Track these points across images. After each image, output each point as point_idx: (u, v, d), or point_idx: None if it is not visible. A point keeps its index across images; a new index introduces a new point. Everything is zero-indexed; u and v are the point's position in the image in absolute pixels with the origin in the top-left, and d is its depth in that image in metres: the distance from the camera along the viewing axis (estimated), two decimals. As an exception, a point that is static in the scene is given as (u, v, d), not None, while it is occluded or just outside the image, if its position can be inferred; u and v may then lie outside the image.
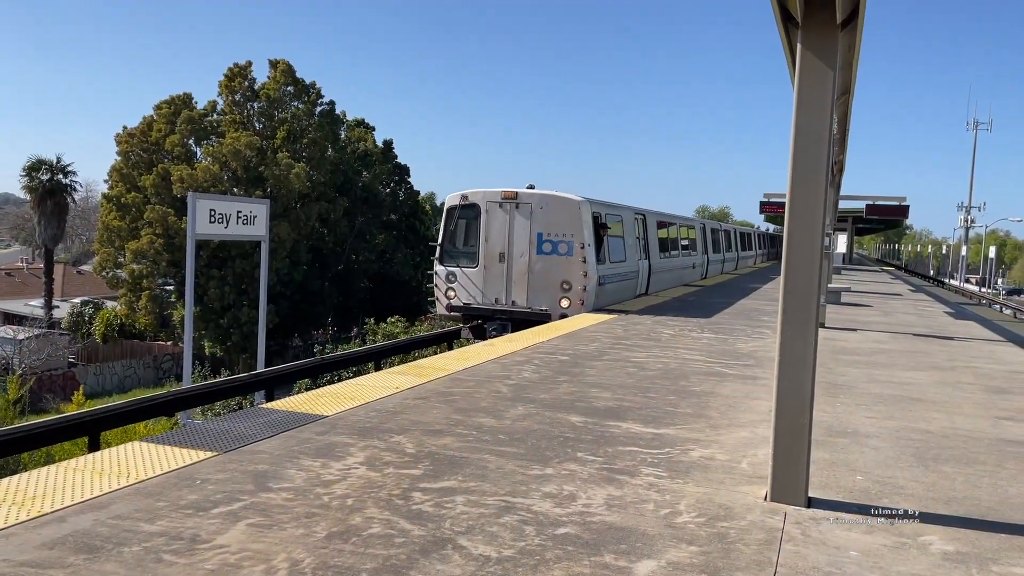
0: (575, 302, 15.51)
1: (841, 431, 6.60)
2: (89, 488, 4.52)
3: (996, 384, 9.24)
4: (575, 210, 15.65)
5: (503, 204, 16.04)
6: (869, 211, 43.54)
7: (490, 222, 16.14)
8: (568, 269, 15.56)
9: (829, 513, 4.61)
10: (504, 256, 15.97)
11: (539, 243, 15.74)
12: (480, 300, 16.26)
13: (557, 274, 15.60)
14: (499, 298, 16.05)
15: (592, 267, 15.60)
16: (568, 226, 15.56)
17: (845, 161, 20.49)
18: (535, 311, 15.65)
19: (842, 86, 10.44)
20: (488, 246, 16.16)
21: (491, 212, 16.15)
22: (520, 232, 15.83)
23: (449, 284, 16.55)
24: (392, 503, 4.47)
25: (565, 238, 15.55)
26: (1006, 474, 5.58)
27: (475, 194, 16.47)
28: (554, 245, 15.62)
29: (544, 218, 15.72)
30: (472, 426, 6.25)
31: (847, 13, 5.10)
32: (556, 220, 15.65)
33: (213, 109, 39.59)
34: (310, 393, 7.37)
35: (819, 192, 4.65)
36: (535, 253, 15.75)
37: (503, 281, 16.01)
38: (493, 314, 16.11)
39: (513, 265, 15.92)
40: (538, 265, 15.74)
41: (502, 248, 15.99)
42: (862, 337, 13.28)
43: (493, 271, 16.10)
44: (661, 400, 7.51)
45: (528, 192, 16.13)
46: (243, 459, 5.17)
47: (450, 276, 16.53)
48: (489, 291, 16.18)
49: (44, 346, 36.32)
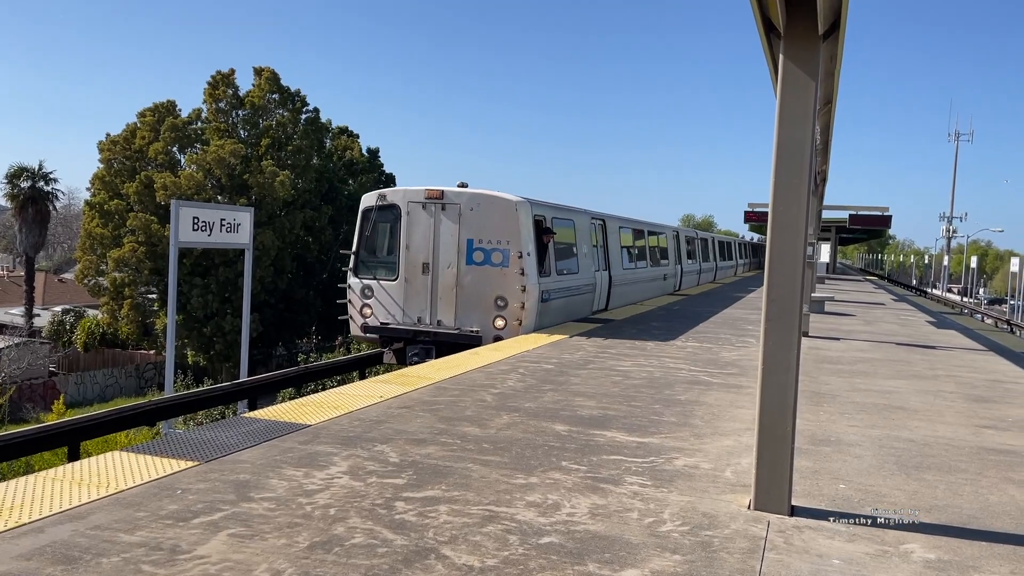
0: (511, 322, 13.28)
1: (824, 439, 6.62)
2: (68, 498, 4.46)
3: (977, 393, 9.31)
4: (511, 212, 13.37)
5: (427, 205, 13.73)
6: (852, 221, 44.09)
7: (412, 226, 13.87)
8: (503, 282, 13.30)
9: (812, 521, 4.62)
10: (428, 267, 13.71)
11: (469, 251, 13.49)
12: (400, 319, 13.98)
13: (490, 288, 13.36)
14: (422, 317, 13.78)
15: (532, 280, 13.36)
16: (504, 231, 13.29)
17: (828, 171, 20.66)
18: (464, 333, 13.42)
19: (824, 96, 10.53)
20: (410, 255, 13.88)
21: (413, 215, 13.86)
22: (447, 238, 13.59)
23: (364, 300, 14.27)
24: (375, 513, 4.44)
25: (500, 246, 13.30)
26: (987, 482, 5.62)
27: (394, 193, 14.38)
28: (487, 254, 13.38)
29: (476, 222, 13.47)
30: (456, 435, 6.23)
31: (829, 23, 5.15)
32: (490, 224, 13.38)
33: (197, 117, 39.44)
34: (293, 402, 7.32)
35: (802, 202, 4.67)
36: (464, 263, 13.48)
37: (427, 297, 13.77)
38: (415, 336, 13.78)
39: (439, 278, 13.67)
40: (468, 278, 13.50)
41: (426, 257, 13.74)
42: (845, 346, 13.36)
43: (415, 285, 13.85)
44: (646, 409, 7.51)
45: (456, 191, 13.77)
46: (225, 469, 5.13)
47: (366, 291, 14.27)
48: (411, 309, 13.91)
49: (24, 355, 35.94)
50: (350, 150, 44.56)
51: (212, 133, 38.27)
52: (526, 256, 13.24)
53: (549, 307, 13.99)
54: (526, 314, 13.25)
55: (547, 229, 14.18)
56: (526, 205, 13.57)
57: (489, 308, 13.36)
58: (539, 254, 13.72)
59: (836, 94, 10.93)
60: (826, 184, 22.58)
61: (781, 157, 4.68)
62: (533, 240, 13.51)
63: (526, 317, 13.26)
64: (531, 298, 13.27)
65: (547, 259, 14.11)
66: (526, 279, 13.20)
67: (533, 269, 13.40)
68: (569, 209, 16.18)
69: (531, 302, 13.28)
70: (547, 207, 14.72)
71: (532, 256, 13.43)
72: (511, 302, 13.24)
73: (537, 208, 14.06)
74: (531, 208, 13.67)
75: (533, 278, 13.36)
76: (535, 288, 13.40)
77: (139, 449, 5.51)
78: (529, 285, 13.25)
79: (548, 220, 14.44)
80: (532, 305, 13.31)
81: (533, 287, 13.35)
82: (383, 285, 14.07)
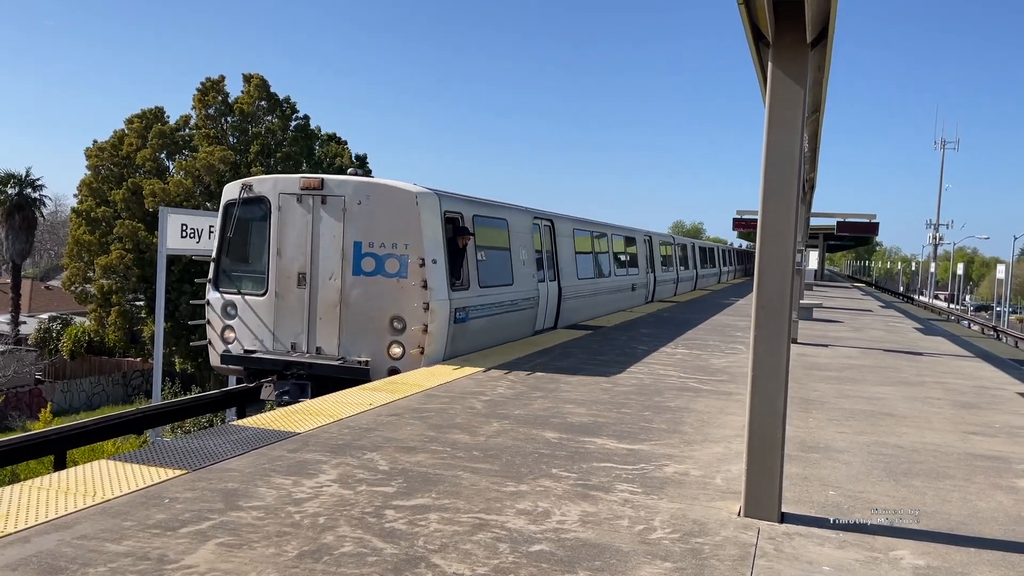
0: (410, 350, 10.31)
1: (813, 446, 6.64)
2: (54, 508, 4.42)
3: (965, 399, 9.36)
4: (410, 207, 10.42)
5: (303, 198, 10.82)
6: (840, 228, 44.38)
7: (284, 225, 10.93)
8: (401, 298, 10.37)
9: (802, 528, 4.63)
10: (305, 278, 10.77)
11: (357, 258, 10.57)
12: (270, 346, 10.96)
13: (384, 306, 10.44)
14: (297, 343, 10.82)
15: (439, 294, 10.52)
16: (401, 231, 10.40)
17: (816, 179, 20.79)
18: (349, 364, 10.46)
19: (812, 104, 10.60)
20: (282, 263, 10.91)
21: (286, 210, 10.93)
22: (329, 241, 10.66)
23: (226, 321, 11.29)
24: (365, 521, 4.42)
25: (396, 250, 10.38)
26: (975, 488, 5.64)
27: (262, 182, 11.31)
28: (380, 261, 10.46)
29: (365, 219, 10.55)
30: (446, 442, 6.21)
31: (817, 32, 5.18)
32: (383, 222, 10.50)
33: (186, 123, 39.36)
34: (283, 410, 7.29)
35: (790, 209, 4.69)
36: (351, 273, 10.57)
37: (303, 317, 10.81)
38: (286, 368, 10.78)
39: (318, 292, 10.72)
40: (355, 292, 10.56)
41: (302, 266, 10.79)
42: (833, 353, 13.41)
43: (289, 301, 10.88)
44: (636, 416, 7.51)
45: (340, 179, 10.94)
46: (213, 477, 5.10)
47: (228, 308, 11.29)
48: (283, 332, 10.92)
49: (10, 363, 35.67)
50: (339, 157, 44.51)
51: (201, 140, 38.18)
52: (430, 264, 10.32)
53: (467, 329, 11.29)
54: (430, 339, 10.33)
55: (463, 229, 11.44)
56: (431, 198, 10.79)
57: (382, 331, 10.43)
58: (452, 261, 11.02)
59: (824, 102, 11.00)
60: (814, 191, 22.72)
61: (770, 164, 4.71)
62: (442, 243, 10.71)
63: (430, 343, 10.34)
64: (437, 318, 10.39)
65: (464, 268, 11.38)
66: (430, 294, 10.28)
67: (440, 280, 10.54)
68: (499, 206, 13.46)
69: (437, 323, 10.41)
70: (465, 202, 12.01)
71: (440, 264, 10.57)
72: (410, 324, 10.29)
73: (449, 202, 11.34)
74: (440, 202, 10.93)
75: (440, 292, 10.51)
76: (443, 305, 10.56)
77: (126, 458, 5.46)
78: (434, 301, 10.33)
79: (466, 219, 11.69)
80: (439, 327, 10.47)
81: (440, 304, 10.48)
82: (249, 302, 11.14)
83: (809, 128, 12.10)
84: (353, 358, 10.51)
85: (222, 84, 38.98)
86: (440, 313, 10.45)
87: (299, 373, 10.70)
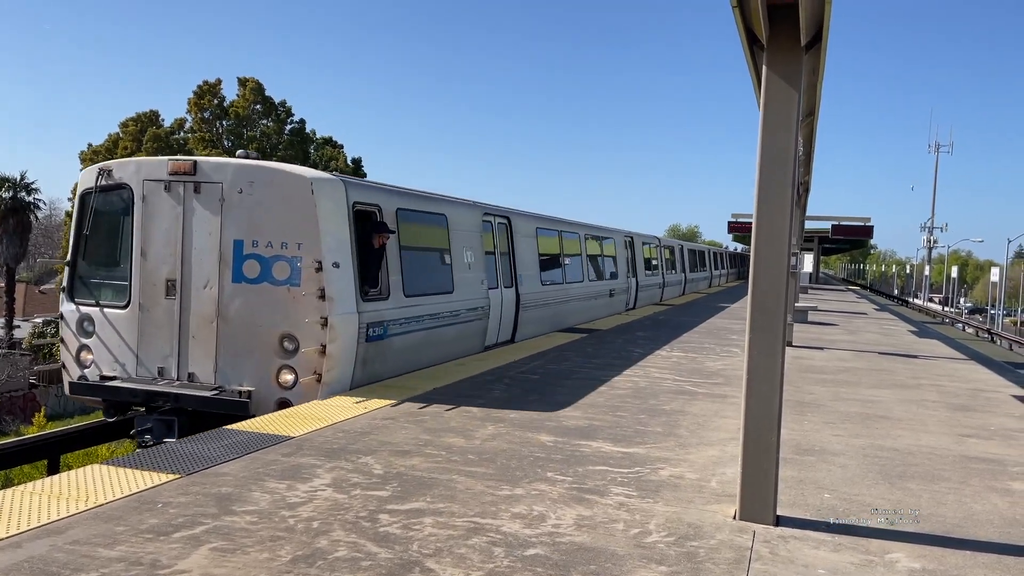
0: (305, 377, 8.27)
1: (809, 449, 6.64)
2: (47, 512, 4.40)
3: (959, 402, 9.37)
4: (305, 197, 8.36)
5: (172, 186, 8.78)
6: (835, 231, 44.50)
7: (149, 220, 8.88)
8: (293, 311, 8.30)
9: (797, 531, 4.62)
10: (175, 286, 8.73)
11: (238, 260, 8.51)
12: (133, 371, 8.89)
13: (272, 321, 8.37)
14: (165, 368, 8.77)
15: (343, 306, 8.43)
16: (294, 228, 8.37)
17: (811, 182, 20.81)
18: (226, 396, 8.39)
19: (807, 107, 10.62)
20: (147, 267, 8.87)
21: (152, 201, 8.87)
22: (203, 239, 8.66)
23: (83, 339, 9.20)
24: (359, 525, 4.40)
25: (287, 251, 8.35)
26: (970, 491, 5.64)
27: (123, 166, 9.21)
28: (266, 265, 8.41)
29: (249, 213, 8.50)
30: (441, 446, 6.20)
31: (811, 35, 5.19)
32: (271, 217, 8.44)
33: (181, 127, 39.37)
34: (277, 414, 7.28)
35: (785, 212, 4.70)
36: (230, 281, 8.52)
37: (172, 335, 8.75)
38: (151, 399, 8.58)
39: (191, 304, 8.69)
40: (236, 304, 8.49)
41: (171, 271, 8.76)
42: (828, 355, 13.42)
43: (155, 316, 8.82)
44: (631, 419, 7.51)
45: (217, 162, 8.91)
46: (206, 482, 5.08)
47: (84, 324, 9.19)
48: (148, 354, 8.85)
49: (4, 367, 35.54)
50: (335, 160, 44.50)
51: (196, 143, 38.17)
52: (330, 269, 8.28)
53: (387, 348, 9.25)
54: (330, 363, 8.26)
55: (380, 226, 9.34)
56: (333, 185, 8.74)
57: (269, 354, 8.37)
58: (364, 265, 8.97)
59: (819, 105, 11.01)
60: (809, 195, 22.75)
61: (765, 167, 4.71)
62: (348, 242, 8.66)
63: (330, 368, 8.28)
64: (340, 336, 8.35)
65: (383, 273, 9.33)
66: (329, 305, 8.23)
67: (344, 289, 8.50)
68: (436, 199, 11.44)
69: (340, 343, 8.37)
70: (384, 192, 9.84)
71: (345, 268, 8.53)
72: (304, 344, 8.24)
73: (360, 192, 9.25)
74: (346, 191, 8.86)
75: (344, 303, 8.46)
76: (347, 320, 8.48)
77: (120, 462, 5.44)
78: (335, 315, 8.27)
79: (386, 212, 9.57)
80: (342, 348, 8.42)
81: (343, 319, 8.41)
82: (108, 316, 9.04)
83: (803, 131, 12.12)
84: (233, 387, 8.46)
85: (218, 87, 39.01)
86: (343, 330, 8.39)
87: (165, 408, 8.54)
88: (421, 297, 10.13)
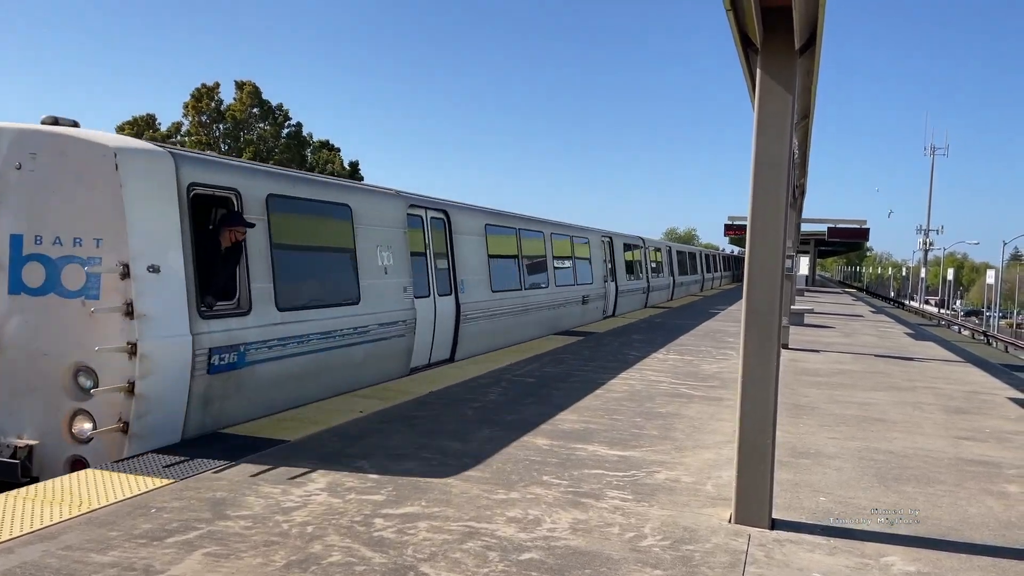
0: (106, 425, 5.85)
1: (804, 452, 6.64)
2: (39, 518, 4.38)
3: (955, 404, 9.38)
4: (106, 173, 5.97)
5: None
6: (831, 234, 44.57)
7: None
8: (89, 333, 5.91)
9: (793, 535, 4.62)
10: None
11: (16, 263, 6.16)
12: None
13: (62, 347, 6.01)
14: None
15: (165, 327, 6.12)
16: (92, 216, 6.02)
17: (806, 184, 20.84)
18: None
19: (801, 110, 10.63)
20: None
21: None
22: None
23: None
24: (353, 530, 4.39)
25: (81, 250, 6.00)
26: (966, 493, 5.64)
27: None
28: (54, 269, 6.06)
29: (30, 196, 6.14)
30: (436, 449, 6.18)
31: (805, 38, 5.20)
32: (61, 201, 6.08)
33: (178, 130, 39.36)
34: (272, 417, 7.25)
35: (779, 214, 4.70)
36: (6, 291, 6.15)
37: None
38: None
39: None
40: (14, 322, 6.13)
41: None
42: (824, 358, 13.43)
43: None
44: (627, 422, 7.50)
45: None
46: (200, 486, 5.06)
47: None
48: None
49: None
50: (331, 163, 44.49)
51: (193, 147, 38.12)
52: (143, 274, 5.98)
53: (246, 380, 7.00)
54: (142, 407, 5.92)
55: (234, 217, 7.10)
56: (152, 158, 6.35)
57: (59, 393, 6.01)
58: (203, 269, 6.68)
59: (813, 108, 11.03)
60: (804, 197, 22.78)
61: (759, 170, 4.71)
62: (177, 237, 6.35)
63: (142, 414, 5.93)
64: (158, 369, 6.04)
65: (242, 279, 7.13)
66: (140, 326, 5.91)
67: (170, 303, 6.22)
68: (335, 185, 9.19)
69: (158, 379, 6.04)
70: (243, 171, 7.54)
71: (170, 274, 6.23)
72: (105, 380, 5.88)
73: (203, 170, 6.88)
74: (176, 167, 6.47)
75: (165, 323, 6.14)
76: (171, 346, 6.16)
77: (113, 467, 5.42)
78: (148, 340, 5.96)
79: (247, 200, 7.27)
80: (162, 386, 6.09)
81: (163, 344, 6.09)
82: None
83: (798, 134, 12.13)
84: (9, 440, 6.09)
85: (216, 91, 39.01)
86: (162, 360, 6.04)
87: None
88: (305, 311, 7.82)
